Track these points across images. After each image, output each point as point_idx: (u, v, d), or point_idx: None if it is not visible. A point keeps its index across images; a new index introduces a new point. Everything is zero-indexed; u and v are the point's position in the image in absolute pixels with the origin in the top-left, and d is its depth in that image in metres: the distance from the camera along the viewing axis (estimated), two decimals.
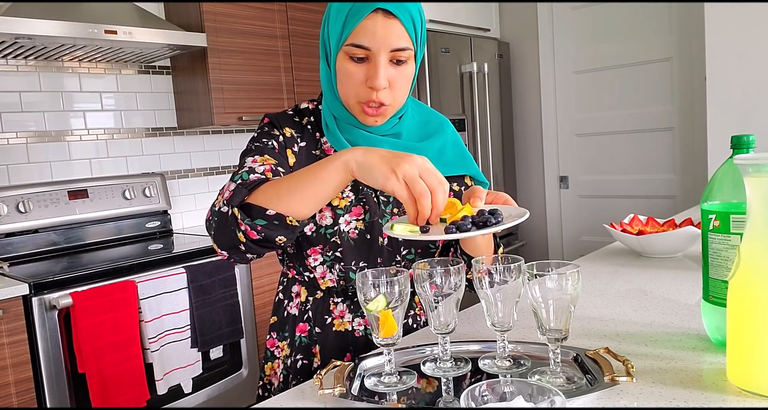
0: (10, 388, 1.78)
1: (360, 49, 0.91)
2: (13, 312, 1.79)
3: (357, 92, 0.94)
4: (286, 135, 1.02)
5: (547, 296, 0.77)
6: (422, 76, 3.11)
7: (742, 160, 0.72)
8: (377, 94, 0.93)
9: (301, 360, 1.08)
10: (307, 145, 1.03)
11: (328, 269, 1.04)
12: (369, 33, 0.90)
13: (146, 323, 1.99)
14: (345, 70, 0.94)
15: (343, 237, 1.02)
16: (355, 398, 0.78)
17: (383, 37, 0.90)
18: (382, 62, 0.91)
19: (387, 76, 0.92)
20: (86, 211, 2.43)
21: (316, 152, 1.03)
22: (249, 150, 0.99)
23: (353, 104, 0.96)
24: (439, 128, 1.09)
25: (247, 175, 0.89)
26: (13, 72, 2.34)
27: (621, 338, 0.95)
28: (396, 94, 0.95)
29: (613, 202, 3.59)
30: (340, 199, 1.01)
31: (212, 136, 2.98)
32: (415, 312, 1.13)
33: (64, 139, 2.48)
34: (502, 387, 0.64)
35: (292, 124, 1.04)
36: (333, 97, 1.00)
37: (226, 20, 2.61)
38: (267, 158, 0.95)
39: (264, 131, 1.02)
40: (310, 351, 1.07)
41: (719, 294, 0.86)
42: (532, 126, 3.89)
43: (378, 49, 0.90)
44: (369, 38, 0.90)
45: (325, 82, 1.00)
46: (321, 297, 1.07)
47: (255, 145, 1.00)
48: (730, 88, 2.73)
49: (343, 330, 1.06)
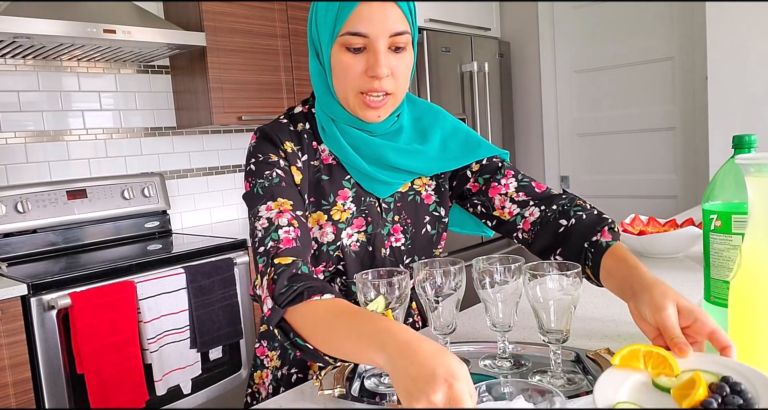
0: (9, 389, 1.77)
1: (358, 37, 0.85)
2: (12, 312, 1.79)
3: (357, 84, 0.88)
4: (288, 151, 0.94)
5: (548, 296, 0.76)
6: (422, 75, 3.11)
7: (744, 160, 0.72)
8: (380, 82, 0.87)
9: (296, 374, 1.03)
10: (307, 156, 0.97)
11: (328, 282, 1.00)
12: (366, 19, 0.84)
13: (145, 323, 1.99)
14: (342, 63, 0.88)
15: (346, 251, 0.97)
16: (355, 399, 0.78)
17: (381, 21, 0.84)
18: (382, 49, 0.86)
19: (388, 64, 0.87)
20: (85, 211, 2.42)
21: (315, 162, 0.97)
22: (255, 194, 0.90)
23: (352, 98, 0.90)
24: (434, 122, 1.03)
25: (275, 234, 0.84)
26: (12, 71, 2.34)
27: (622, 339, 0.94)
28: (398, 83, 0.90)
29: (614, 202, 3.59)
30: (341, 212, 0.97)
31: (211, 136, 2.97)
32: (413, 320, 1.11)
33: (62, 138, 2.47)
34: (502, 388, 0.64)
35: (289, 135, 0.96)
36: (328, 97, 0.94)
37: (226, 19, 2.61)
38: (281, 202, 0.88)
39: (260, 160, 0.93)
40: (306, 363, 1.03)
41: (721, 295, 0.86)
42: (533, 125, 3.89)
43: (377, 35, 0.85)
44: (366, 24, 0.84)
45: (318, 83, 0.94)
46: None
47: (259, 183, 0.90)
48: (732, 87, 2.73)
49: None
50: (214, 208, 3.00)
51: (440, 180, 1.05)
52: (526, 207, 1.00)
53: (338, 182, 0.97)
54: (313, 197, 0.97)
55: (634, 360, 0.68)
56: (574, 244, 0.92)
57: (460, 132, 1.04)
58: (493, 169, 1.03)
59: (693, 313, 0.70)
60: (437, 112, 1.06)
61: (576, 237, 0.92)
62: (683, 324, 0.71)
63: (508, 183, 1.01)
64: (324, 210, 0.96)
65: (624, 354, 0.69)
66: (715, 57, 2.76)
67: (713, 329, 0.69)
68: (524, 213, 0.99)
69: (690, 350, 0.68)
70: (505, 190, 1.01)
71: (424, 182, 1.04)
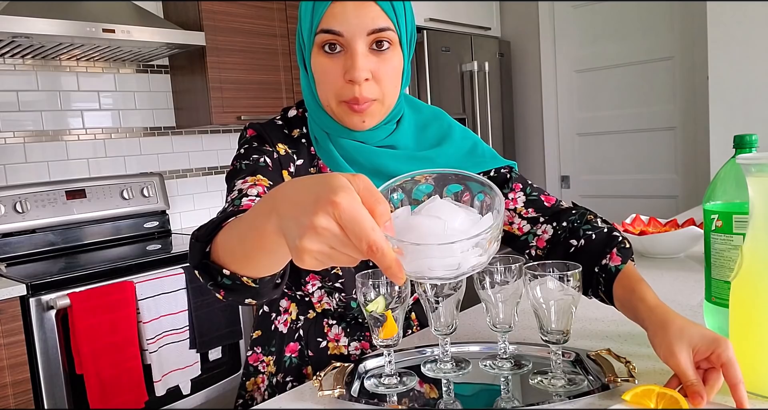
0: (8, 389, 1.77)
1: (331, 34, 0.79)
2: (11, 312, 1.78)
3: (336, 91, 0.83)
4: (281, 152, 0.90)
5: (549, 297, 0.76)
6: (422, 75, 3.10)
7: (745, 160, 0.72)
8: (360, 89, 0.81)
9: (291, 382, 1.00)
10: (303, 162, 0.92)
11: (326, 294, 0.97)
12: (339, 16, 0.79)
13: (144, 324, 1.98)
14: (320, 67, 0.83)
15: (344, 267, 0.92)
16: (354, 399, 0.78)
17: (356, 18, 0.78)
18: (360, 49, 0.79)
19: (367, 67, 0.80)
20: (84, 211, 2.42)
21: (312, 170, 0.93)
22: (238, 170, 0.85)
23: (335, 106, 0.85)
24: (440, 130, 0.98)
25: (239, 200, 0.76)
26: (11, 71, 2.33)
27: (623, 339, 0.94)
28: (384, 88, 0.83)
29: (615, 201, 3.58)
30: None
31: (211, 136, 2.97)
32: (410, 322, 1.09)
33: (61, 138, 2.47)
34: (419, 186, 0.57)
35: (283, 138, 0.92)
36: (319, 110, 0.89)
37: (225, 19, 2.60)
38: (260, 178, 0.83)
39: (252, 146, 0.89)
40: (301, 372, 1.00)
41: (722, 295, 0.85)
42: (534, 125, 3.88)
43: (352, 33, 0.79)
44: (339, 21, 0.79)
45: (308, 93, 0.89)
46: (314, 317, 1.00)
47: (243, 162, 0.86)
48: (733, 86, 2.73)
49: (338, 353, 0.99)
50: (214, 208, 2.99)
51: None
52: (536, 224, 0.97)
53: None
54: None
55: (646, 399, 0.68)
56: (584, 269, 0.87)
57: (466, 141, 1.00)
58: (501, 182, 0.99)
59: (713, 344, 0.67)
60: (444, 119, 1.01)
61: (586, 260, 0.88)
62: (702, 357, 0.68)
63: (516, 198, 0.98)
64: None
65: (637, 392, 0.69)
66: (716, 56, 2.75)
67: (725, 361, 0.66)
68: (536, 231, 0.97)
69: (704, 401, 0.65)
70: (514, 205, 0.98)
71: None
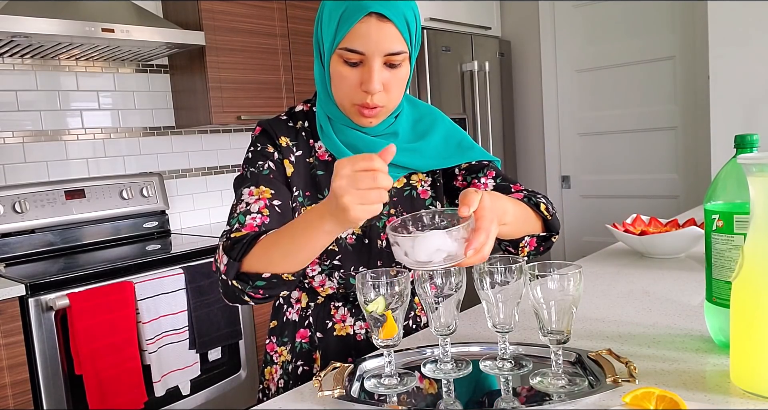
0: (7, 390, 1.77)
1: (354, 53, 0.89)
2: (10, 313, 1.78)
3: (351, 95, 0.93)
4: (282, 145, 1.01)
5: (549, 297, 0.76)
6: (422, 75, 3.10)
7: (746, 160, 0.72)
8: (371, 97, 0.92)
9: (302, 367, 1.07)
10: (302, 153, 1.03)
11: (326, 277, 1.03)
12: (362, 38, 0.88)
13: (144, 324, 1.98)
14: (339, 74, 0.93)
15: (341, 244, 1.01)
16: (354, 400, 0.78)
17: (377, 41, 0.88)
18: (376, 67, 0.90)
19: (381, 80, 0.91)
20: (83, 211, 2.42)
21: (310, 159, 1.03)
22: (244, 178, 0.99)
23: (348, 106, 0.95)
24: (433, 124, 1.08)
25: (243, 217, 0.93)
26: (10, 71, 2.33)
27: (623, 339, 0.94)
28: (391, 96, 0.94)
29: (616, 202, 3.58)
30: None
31: (210, 136, 2.97)
32: (415, 313, 1.13)
33: (60, 138, 2.46)
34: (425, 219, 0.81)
35: (286, 130, 1.03)
36: (327, 98, 0.99)
37: (225, 18, 2.60)
38: (263, 190, 0.96)
39: (257, 150, 1.01)
40: (311, 357, 1.07)
41: (722, 295, 0.85)
42: (534, 125, 3.88)
43: (372, 53, 0.89)
44: (362, 43, 0.88)
45: (320, 82, 0.99)
46: (322, 302, 1.08)
47: (249, 170, 0.99)
48: (734, 86, 2.72)
49: (344, 334, 1.06)
50: (213, 208, 2.99)
51: (435, 176, 1.09)
52: None
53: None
54: (309, 191, 1.01)
55: (646, 401, 0.69)
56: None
57: (456, 134, 1.10)
58: (479, 168, 1.08)
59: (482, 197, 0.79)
60: (437, 115, 1.11)
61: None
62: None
63: (487, 182, 1.06)
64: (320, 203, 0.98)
65: (637, 394, 0.70)
66: (717, 56, 2.75)
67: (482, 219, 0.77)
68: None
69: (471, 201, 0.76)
70: (484, 188, 1.05)
71: (420, 178, 1.07)
